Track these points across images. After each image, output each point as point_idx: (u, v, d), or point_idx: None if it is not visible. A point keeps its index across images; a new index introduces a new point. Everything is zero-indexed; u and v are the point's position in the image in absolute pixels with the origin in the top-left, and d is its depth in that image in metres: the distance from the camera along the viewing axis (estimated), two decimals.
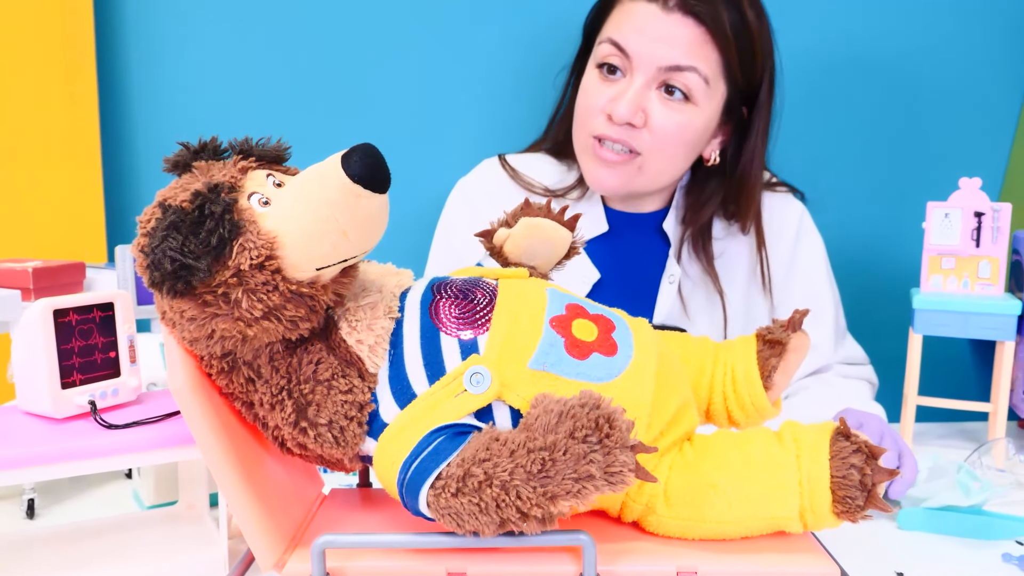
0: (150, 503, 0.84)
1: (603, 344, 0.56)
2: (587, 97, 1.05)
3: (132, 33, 1.34)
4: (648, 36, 0.99)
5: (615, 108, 1.01)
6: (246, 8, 1.34)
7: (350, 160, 0.49)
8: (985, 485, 0.81)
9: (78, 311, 0.68)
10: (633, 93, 1.00)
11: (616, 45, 1.01)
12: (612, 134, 1.02)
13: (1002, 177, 1.47)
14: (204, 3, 1.34)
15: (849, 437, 0.55)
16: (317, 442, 0.54)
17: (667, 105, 1.01)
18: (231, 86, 1.35)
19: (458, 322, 0.56)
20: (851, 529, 0.81)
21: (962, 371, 1.50)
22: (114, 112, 1.35)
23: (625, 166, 1.04)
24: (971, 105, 1.45)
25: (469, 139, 1.37)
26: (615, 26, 1.03)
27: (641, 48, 1.00)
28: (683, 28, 0.98)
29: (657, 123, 1.01)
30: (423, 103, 1.37)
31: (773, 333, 0.65)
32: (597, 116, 1.03)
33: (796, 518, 0.55)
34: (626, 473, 0.48)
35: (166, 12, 1.33)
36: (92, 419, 0.67)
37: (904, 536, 0.82)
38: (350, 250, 0.52)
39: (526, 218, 0.67)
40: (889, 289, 1.39)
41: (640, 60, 1.00)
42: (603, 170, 1.05)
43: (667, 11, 0.99)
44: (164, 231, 0.49)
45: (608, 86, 1.03)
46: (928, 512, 0.82)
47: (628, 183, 1.06)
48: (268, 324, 0.51)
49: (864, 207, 1.44)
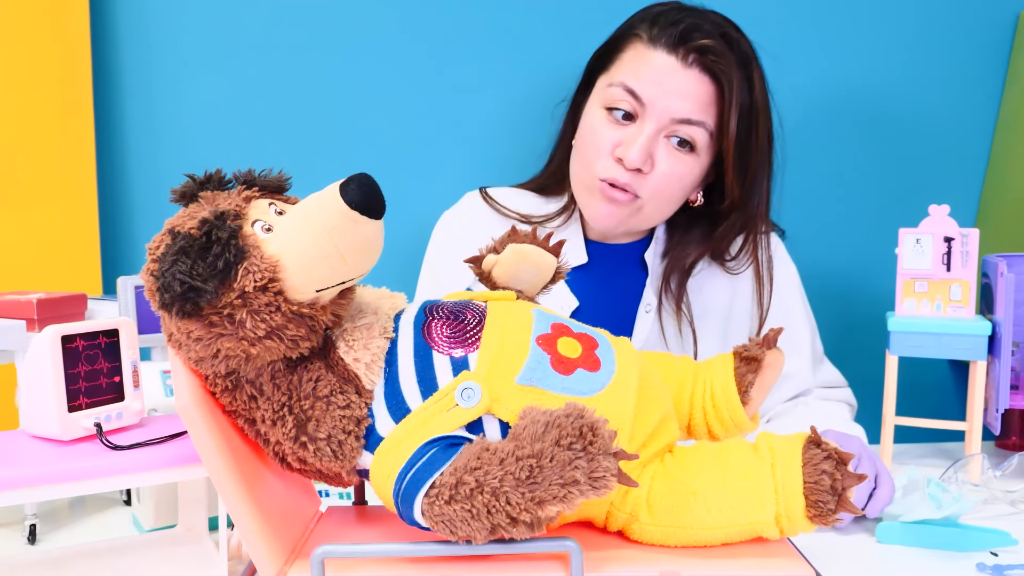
0: (149, 527, 0.86)
1: (587, 360, 0.59)
2: (595, 137, 1.07)
3: (128, 72, 1.38)
4: (665, 88, 1.02)
5: (627, 154, 1.03)
6: (241, 46, 1.39)
7: (348, 188, 0.52)
8: (956, 497, 0.84)
9: (85, 337, 0.70)
10: (645, 139, 1.02)
11: (631, 91, 1.03)
12: (620, 178, 1.04)
13: (976, 203, 1.52)
14: (200, 42, 1.38)
15: (820, 445, 0.58)
16: (316, 456, 0.57)
17: (673, 154, 1.04)
18: (225, 122, 1.39)
19: (450, 341, 0.59)
20: (831, 544, 0.85)
21: (943, 393, 1.54)
22: (110, 150, 1.39)
23: (626, 207, 1.07)
24: (944, 134, 1.50)
25: (453, 172, 1.42)
26: (631, 72, 1.04)
27: (657, 98, 1.02)
28: (699, 84, 1.02)
29: (662, 170, 1.04)
30: (411, 138, 1.42)
31: (749, 350, 0.68)
32: (605, 158, 1.05)
33: (772, 523, 0.58)
34: (609, 478, 0.51)
35: (162, 50, 1.38)
36: (98, 441, 0.69)
37: (882, 549, 0.84)
38: (348, 273, 0.55)
39: (513, 244, 0.70)
40: (867, 313, 1.44)
41: (655, 109, 1.02)
42: (605, 206, 1.07)
43: (686, 66, 1.02)
44: (174, 256, 0.52)
45: (617, 129, 1.05)
46: (905, 526, 0.85)
47: (625, 222, 1.09)
48: (270, 343, 0.55)
49: (840, 236, 1.49)
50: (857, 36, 1.47)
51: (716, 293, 1.17)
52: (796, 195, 1.48)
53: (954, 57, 1.50)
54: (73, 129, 1.30)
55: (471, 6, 1.42)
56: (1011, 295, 1.03)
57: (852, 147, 1.49)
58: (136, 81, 1.39)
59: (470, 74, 1.42)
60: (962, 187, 1.52)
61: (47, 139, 1.27)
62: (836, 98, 1.48)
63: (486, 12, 1.42)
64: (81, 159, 1.30)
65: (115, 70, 1.38)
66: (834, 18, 1.47)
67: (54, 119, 1.27)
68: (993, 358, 1.06)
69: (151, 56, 1.38)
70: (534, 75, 1.39)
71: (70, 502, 0.98)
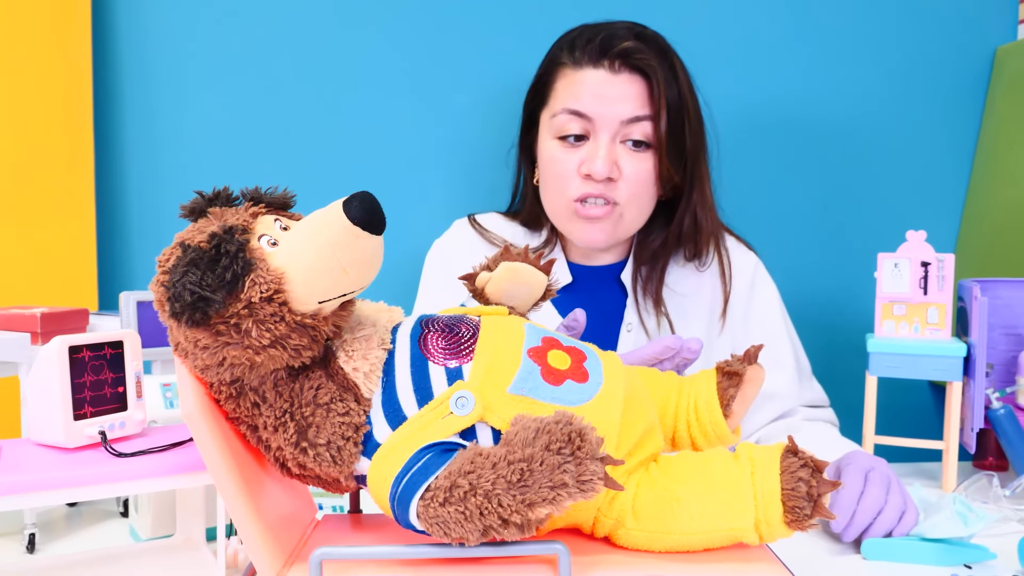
0: (147, 537, 0.88)
1: (576, 372, 0.62)
2: (557, 166, 1.13)
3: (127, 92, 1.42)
4: (605, 98, 1.09)
5: (593, 167, 1.09)
6: (238, 68, 1.43)
7: (351, 205, 0.55)
8: (980, 515, 0.87)
9: (91, 348, 0.73)
10: (605, 150, 1.09)
11: (575, 113, 1.10)
12: (593, 190, 1.10)
13: (956, 229, 1.57)
14: (198, 63, 1.43)
15: (797, 453, 0.61)
16: (316, 461, 0.60)
17: (633, 156, 1.10)
18: (221, 143, 1.44)
19: (445, 352, 0.62)
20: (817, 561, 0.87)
21: (925, 415, 1.57)
22: (108, 171, 1.42)
23: (608, 219, 1.12)
24: (924, 163, 1.55)
25: (444, 198, 1.47)
26: (569, 96, 1.11)
27: (602, 108, 1.09)
28: (632, 84, 1.09)
29: (630, 172, 1.10)
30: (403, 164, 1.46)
31: (731, 366, 0.72)
32: (573, 180, 1.11)
33: (752, 529, 0.61)
34: (596, 481, 0.53)
35: (161, 69, 1.42)
36: (102, 449, 0.71)
37: (859, 563, 0.87)
38: (349, 285, 0.58)
39: (506, 262, 0.73)
40: (847, 335, 1.47)
41: (603, 120, 1.09)
42: (590, 227, 1.13)
43: (615, 73, 1.09)
44: (184, 267, 0.55)
45: (575, 152, 1.11)
46: (891, 542, 0.87)
47: (613, 234, 1.14)
48: (274, 352, 0.57)
49: (822, 260, 1.53)
50: (841, 66, 1.53)
51: (697, 302, 1.21)
52: (779, 221, 1.52)
53: (934, 89, 1.55)
54: (73, 148, 1.33)
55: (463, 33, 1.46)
56: (985, 318, 1.07)
57: (835, 174, 1.54)
58: (135, 101, 1.42)
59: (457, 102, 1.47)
60: (942, 214, 1.56)
61: (47, 156, 1.30)
62: (821, 127, 1.53)
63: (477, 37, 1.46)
64: (80, 177, 1.33)
65: (115, 89, 1.42)
66: (818, 48, 1.52)
67: (54, 137, 1.30)
68: (968, 379, 1.09)
69: (150, 75, 1.42)
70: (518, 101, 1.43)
71: (67, 514, 1.00)
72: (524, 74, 1.42)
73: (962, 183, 1.56)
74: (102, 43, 1.40)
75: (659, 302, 1.18)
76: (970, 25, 1.54)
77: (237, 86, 1.43)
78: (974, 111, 1.56)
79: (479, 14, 1.47)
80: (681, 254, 1.21)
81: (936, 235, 1.12)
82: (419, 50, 1.46)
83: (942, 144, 1.55)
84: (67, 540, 0.92)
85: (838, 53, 1.52)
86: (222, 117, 1.43)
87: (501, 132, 1.41)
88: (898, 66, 1.53)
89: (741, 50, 1.50)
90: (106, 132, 1.41)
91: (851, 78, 1.52)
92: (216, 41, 1.43)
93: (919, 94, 1.54)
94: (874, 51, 1.53)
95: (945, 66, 1.54)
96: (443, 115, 1.47)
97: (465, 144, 1.47)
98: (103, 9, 1.40)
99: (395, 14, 1.46)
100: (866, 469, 0.91)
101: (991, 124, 1.52)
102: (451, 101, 1.47)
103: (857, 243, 1.52)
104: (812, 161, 1.53)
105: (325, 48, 1.45)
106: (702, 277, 1.22)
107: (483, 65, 1.47)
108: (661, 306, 1.18)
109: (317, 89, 1.45)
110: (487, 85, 1.47)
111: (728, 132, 1.31)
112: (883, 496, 0.88)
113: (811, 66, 1.51)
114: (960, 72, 1.55)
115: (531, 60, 1.26)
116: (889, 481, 0.90)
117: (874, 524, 0.88)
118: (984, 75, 1.55)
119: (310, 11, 1.44)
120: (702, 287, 1.21)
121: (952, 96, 1.55)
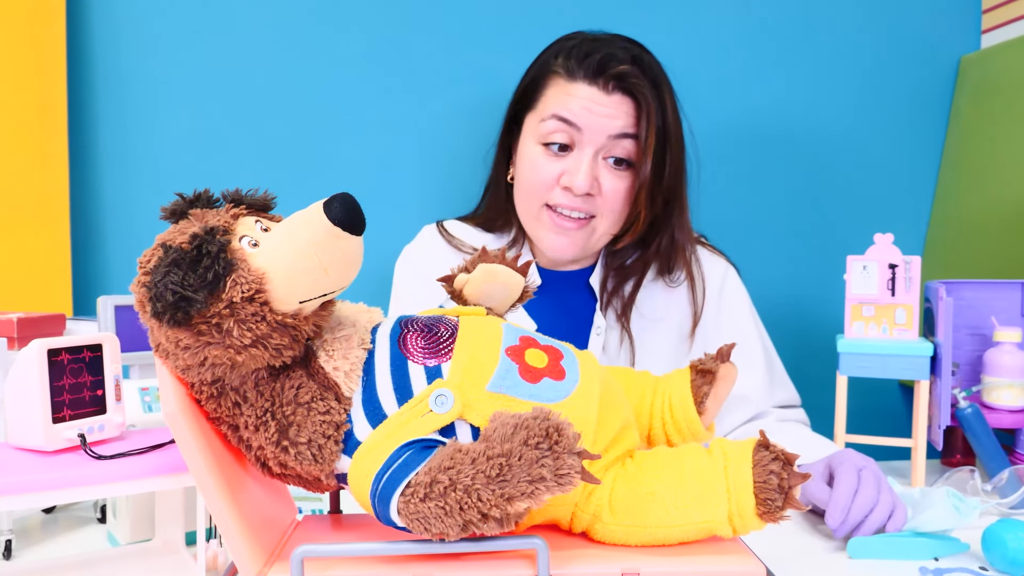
0: (126, 542, 0.88)
1: (553, 370, 0.64)
2: (538, 172, 1.13)
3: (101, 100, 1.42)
4: (595, 112, 1.10)
5: (574, 181, 1.10)
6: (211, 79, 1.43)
7: (331, 206, 0.56)
8: (971, 505, 0.89)
9: (70, 351, 0.73)
10: (587, 165, 1.10)
11: (564, 120, 1.11)
12: (570, 203, 1.12)
13: (924, 232, 1.60)
14: (171, 72, 1.43)
15: (769, 447, 0.63)
16: (297, 460, 0.60)
17: (614, 173, 1.12)
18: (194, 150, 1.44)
19: (424, 351, 0.63)
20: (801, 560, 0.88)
21: (895, 416, 1.60)
22: (83, 176, 1.41)
23: (581, 231, 1.14)
24: (891, 168, 1.59)
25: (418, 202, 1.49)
26: (560, 104, 1.12)
27: (591, 121, 1.10)
28: (623, 105, 1.10)
29: (608, 189, 1.12)
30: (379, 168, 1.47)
31: (705, 364, 0.73)
32: (551, 188, 1.13)
33: (726, 522, 0.62)
34: (573, 475, 0.55)
35: (135, 78, 1.42)
36: (81, 452, 0.71)
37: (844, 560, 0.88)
38: (329, 285, 0.59)
39: (483, 264, 0.75)
40: (818, 336, 1.50)
41: (590, 131, 1.10)
42: (559, 238, 1.14)
43: (608, 93, 1.10)
44: (166, 268, 0.56)
45: (557, 161, 1.12)
46: (875, 539, 0.88)
47: (583, 246, 1.15)
48: (255, 351, 0.58)
49: (792, 263, 1.56)
50: (810, 75, 1.56)
51: (669, 315, 1.22)
52: (751, 226, 1.54)
53: (901, 97, 1.59)
54: (46, 153, 1.33)
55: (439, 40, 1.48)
56: (950, 318, 1.09)
57: (805, 180, 1.57)
58: (109, 105, 1.42)
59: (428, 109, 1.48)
60: (910, 218, 1.60)
61: (20, 161, 1.30)
62: (790, 134, 1.56)
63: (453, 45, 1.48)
64: (54, 182, 1.33)
65: (89, 92, 1.41)
66: (788, 57, 1.55)
67: (28, 142, 1.30)
68: (936, 378, 1.12)
69: (124, 78, 1.42)
70: (490, 109, 1.44)
71: (44, 520, 0.99)
72: (499, 82, 1.44)
73: (929, 188, 1.60)
74: (76, 48, 1.40)
75: (627, 320, 1.20)
76: (935, 35, 1.58)
77: (213, 91, 1.44)
78: (940, 118, 1.60)
79: (456, 22, 1.49)
80: (653, 269, 1.22)
81: (904, 238, 1.15)
82: (396, 56, 1.47)
83: (909, 150, 1.59)
84: (44, 546, 0.91)
85: (808, 62, 1.55)
86: (197, 121, 1.44)
87: (476, 138, 1.42)
88: (866, 75, 1.57)
89: (713, 59, 1.53)
90: (80, 137, 1.41)
91: (820, 87, 1.56)
92: (191, 45, 1.43)
93: (887, 102, 1.58)
94: (843, 61, 1.56)
95: (912, 75, 1.58)
96: (419, 121, 1.49)
97: (441, 149, 1.49)
98: (77, 12, 1.40)
99: (372, 20, 1.47)
100: (859, 467, 0.93)
101: (956, 131, 1.56)
102: (427, 107, 1.48)
103: (827, 246, 1.55)
104: (783, 167, 1.56)
105: (302, 53, 1.45)
106: (671, 295, 1.22)
107: (458, 72, 1.49)
108: (628, 327, 1.20)
109: (293, 94, 1.45)
110: (462, 92, 1.49)
111: (700, 140, 1.33)
112: (875, 494, 0.90)
113: (781, 75, 1.54)
114: (926, 81, 1.59)
115: (507, 68, 1.28)
116: (880, 480, 0.92)
117: (866, 521, 0.89)
118: (949, 83, 1.59)
119: (287, 16, 1.45)
120: (670, 311, 1.22)
121: (918, 104, 1.59)
